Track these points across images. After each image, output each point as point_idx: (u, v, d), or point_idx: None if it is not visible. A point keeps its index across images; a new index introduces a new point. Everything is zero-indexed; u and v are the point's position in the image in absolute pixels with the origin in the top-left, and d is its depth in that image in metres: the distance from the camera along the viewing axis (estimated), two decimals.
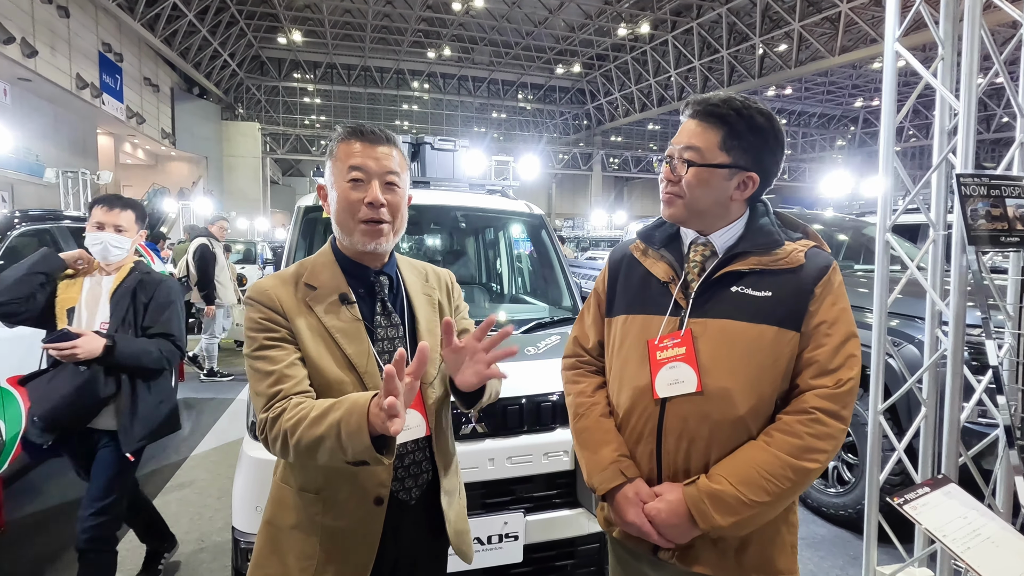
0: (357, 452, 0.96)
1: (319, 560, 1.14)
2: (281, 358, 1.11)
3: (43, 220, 3.66)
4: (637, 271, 1.29)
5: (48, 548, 2.87)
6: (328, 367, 1.14)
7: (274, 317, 1.14)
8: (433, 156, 3.51)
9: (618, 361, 1.26)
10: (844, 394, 1.10)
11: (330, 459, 1.01)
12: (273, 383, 1.08)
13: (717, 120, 1.15)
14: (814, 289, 1.13)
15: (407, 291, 1.28)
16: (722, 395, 1.12)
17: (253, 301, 1.17)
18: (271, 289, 1.17)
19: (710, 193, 1.16)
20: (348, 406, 0.99)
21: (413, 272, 1.33)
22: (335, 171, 1.19)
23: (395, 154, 1.20)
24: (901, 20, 2.10)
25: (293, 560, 1.15)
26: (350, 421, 0.96)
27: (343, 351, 1.15)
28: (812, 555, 2.90)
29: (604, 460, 1.20)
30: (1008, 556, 1.31)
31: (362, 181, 1.16)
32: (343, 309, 1.18)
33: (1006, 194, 1.65)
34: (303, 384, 1.10)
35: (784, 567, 1.16)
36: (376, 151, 1.18)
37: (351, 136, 1.19)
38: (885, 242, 2.10)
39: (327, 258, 1.24)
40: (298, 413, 1.03)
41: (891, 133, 2.07)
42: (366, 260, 1.24)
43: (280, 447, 1.05)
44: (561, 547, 2.03)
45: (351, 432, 0.96)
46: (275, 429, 1.05)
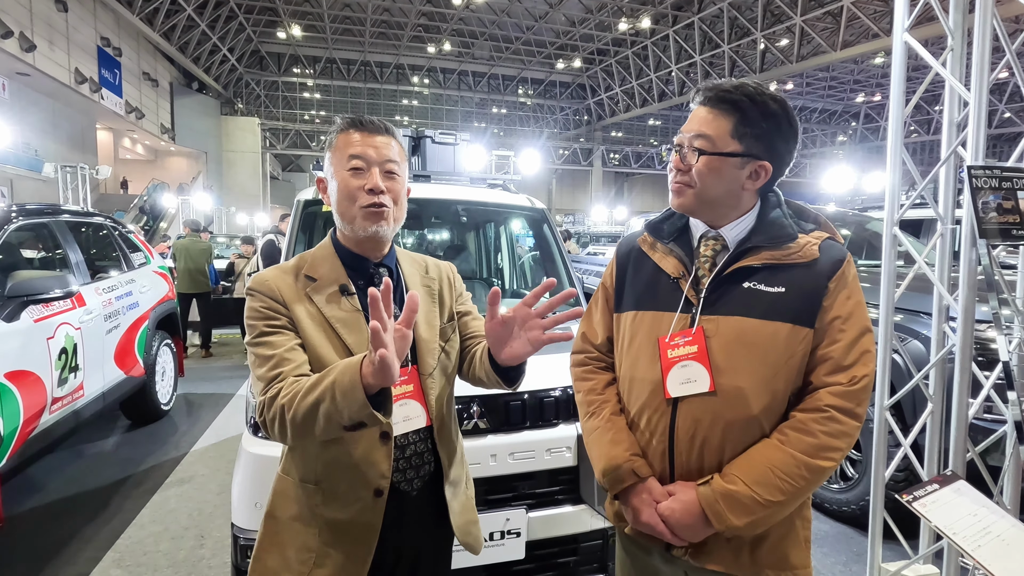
0: (353, 412, 0.94)
1: (318, 553, 1.14)
2: (281, 343, 1.11)
3: (41, 214, 3.63)
4: (646, 265, 1.25)
5: (47, 543, 2.86)
6: (328, 356, 1.14)
7: (274, 306, 1.15)
8: (434, 150, 3.48)
9: (628, 358, 1.23)
10: (859, 391, 1.07)
11: (327, 427, 0.99)
12: (273, 366, 1.08)
13: (729, 106, 1.11)
14: (828, 284, 1.10)
15: (406, 283, 1.28)
16: (735, 394, 1.09)
17: (254, 291, 1.17)
18: (271, 280, 1.18)
19: (721, 182, 1.13)
20: (341, 367, 0.98)
21: (413, 264, 1.33)
22: (335, 161, 1.19)
23: (394, 144, 1.21)
24: (910, 11, 2.07)
25: (293, 552, 1.15)
26: (343, 380, 0.95)
27: (343, 340, 1.15)
28: (815, 551, 2.88)
29: (617, 459, 1.18)
30: (1019, 554, 1.29)
31: (362, 169, 1.17)
32: (343, 300, 1.19)
33: (1018, 187, 1.62)
34: (303, 368, 1.10)
35: (798, 562, 1.14)
36: (375, 140, 1.18)
37: (350, 126, 1.20)
38: (893, 236, 2.07)
39: (327, 251, 1.24)
40: (293, 388, 1.03)
41: (899, 125, 2.04)
42: (366, 251, 1.23)
43: (278, 426, 1.04)
44: (564, 544, 2.01)
45: (345, 390, 0.94)
46: (272, 409, 1.04)
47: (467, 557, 1.87)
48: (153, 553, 2.78)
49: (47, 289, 3.00)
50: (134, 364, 4.20)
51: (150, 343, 4.50)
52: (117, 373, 3.92)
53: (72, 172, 12.17)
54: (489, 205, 3.19)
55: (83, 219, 4.29)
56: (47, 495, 3.36)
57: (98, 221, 4.53)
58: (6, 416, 2.68)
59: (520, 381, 1.21)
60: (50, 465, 3.79)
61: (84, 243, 4.07)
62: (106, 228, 4.55)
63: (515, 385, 1.21)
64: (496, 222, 3.75)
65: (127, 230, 4.93)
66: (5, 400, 2.68)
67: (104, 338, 3.75)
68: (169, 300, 5.02)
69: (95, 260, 4.19)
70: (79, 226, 4.12)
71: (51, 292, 3.01)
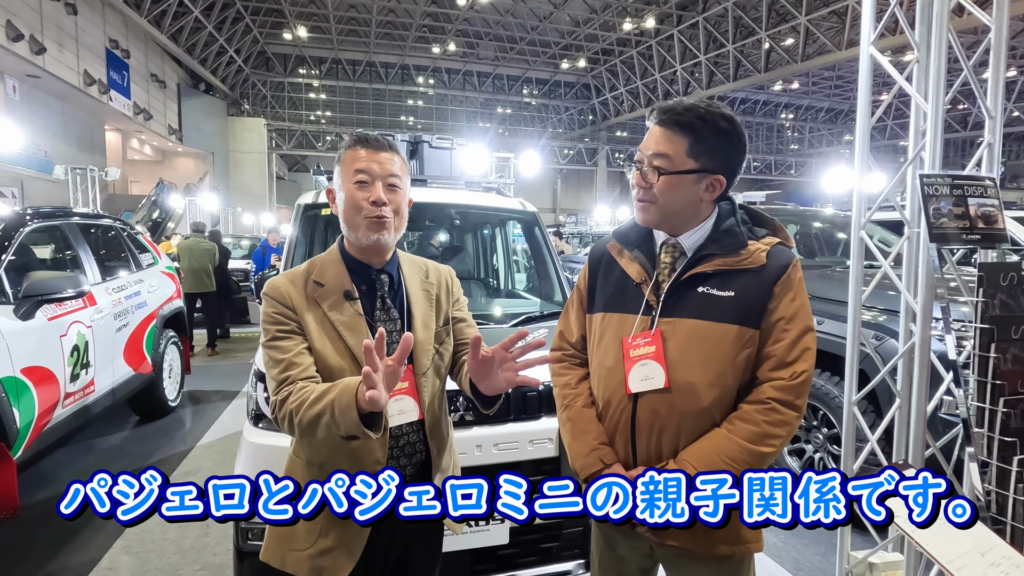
0: (348, 427, 1.11)
1: (323, 525, 1.29)
2: (290, 348, 1.26)
3: (53, 217, 3.78)
4: (614, 270, 1.38)
5: (60, 531, 3.00)
6: (331, 356, 1.28)
7: (285, 311, 1.29)
8: (431, 154, 3.60)
9: (597, 356, 1.36)
10: (799, 385, 1.20)
11: (327, 434, 1.15)
12: (283, 370, 1.23)
13: (683, 128, 1.22)
14: (773, 288, 1.21)
15: (406, 288, 1.40)
16: (688, 389, 1.22)
17: (268, 296, 1.31)
18: (283, 286, 1.32)
19: (681, 197, 1.24)
20: (341, 388, 1.13)
21: (414, 269, 1.45)
22: (343, 175, 1.33)
23: (396, 159, 1.34)
24: (876, 23, 2.17)
25: (301, 524, 1.27)
26: (341, 401, 1.11)
27: (345, 342, 1.29)
28: (796, 543, 2.99)
29: (586, 448, 1.30)
30: (958, 537, 1.38)
31: (367, 183, 1.30)
32: (346, 305, 1.32)
33: (968, 193, 1.72)
34: (309, 371, 1.24)
35: (750, 537, 1.26)
36: (379, 156, 1.32)
37: (357, 143, 1.33)
38: (860, 239, 2.17)
39: (334, 257, 1.38)
40: (301, 396, 1.18)
41: (866, 134, 2.14)
42: (370, 258, 1.36)
43: (287, 425, 1.20)
44: (546, 530, 2.13)
45: (343, 410, 1.10)
46: (283, 410, 1.20)
47: (454, 541, 2.00)
48: (160, 541, 2.92)
49: (60, 289, 3.14)
50: (142, 361, 4.34)
51: (158, 341, 4.65)
52: (126, 370, 4.07)
53: (82, 174, 12.38)
54: (482, 208, 3.30)
55: (93, 221, 4.44)
56: (59, 486, 3.51)
57: (107, 223, 4.68)
58: (22, 410, 2.82)
59: (496, 407, 1.34)
60: (62, 458, 3.93)
61: (94, 244, 4.21)
62: (115, 230, 4.69)
63: (491, 410, 1.34)
64: (489, 225, 3.86)
65: (135, 231, 5.07)
66: (21, 394, 2.82)
67: (114, 336, 3.90)
68: (176, 300, 5.17)
69: (105, 261, 4.33)
70: (89, 228, 4.27)
71: (64, 292, 3.15)
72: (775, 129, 33.60)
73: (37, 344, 3.01)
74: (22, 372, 2.84)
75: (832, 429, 3.27)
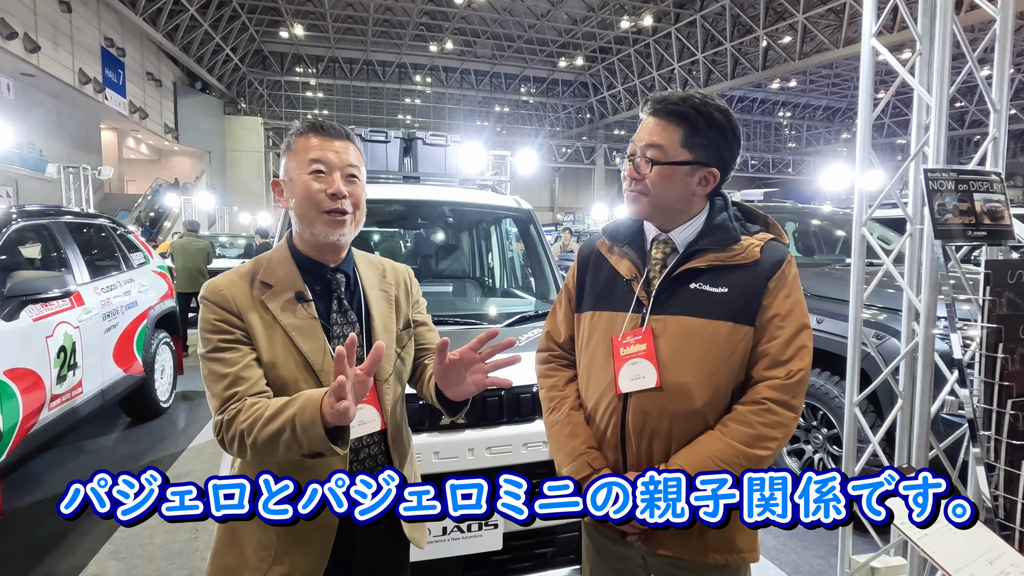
0: (312, 444, 1.01)
1: (276, 551, 1.16)
2: (236, 360, 1.11)
3: (41, 216, 3.71)
4: (604, 268, 1.32)
5: (46, 535, 2.94)
6: (284, 365, 1.15)
7: (228, 318, 1.14)
8: (425, 151, 3.55)
9: (586, 356, 1.30)
10: (795, 384, 1.14)
11: (286, 453, 1.04)
12: (228, 386, 1.09)
13: (677, 118, 1.17)
14: (767, 284, 1.16)
15: (364, 288, 1.28)
16: (680, 389, 1.16)
17: (207, 301, 1.15)
18: (225, 288, 1.16)
19: (674, 189, 1.19)
20: (302, 401, 1.02)
21: (370, 268, 1.33)
22: (295, 165, 1.19)
23: (352, 148, 1.22)
24: (878, 16, 2.12)
25: (251, 551, 1.17)
26: (304, 416, 1.00)
27: (299, 348, 1.15)
28: (795, 545, 2.94)
29: (573, 452, 1.24)
30: (964, 543, 1.33)
31: (324, 173, 1.17)
32: (299, 307, 1.18)
33: (974, 189, 1.67)
34: (259, 385, 1.12)
35: (744, 546, 1.20)
36: (334, 144, 1.19)
37: (309, 131, 1.19)
38: (861, 236, 2.12)
39: (283, 255, 1.24)
40: (253, 414, 1.05)
41: (868, 129, 2.09)
42: (324, 256, 1.23)
43: (237, 447, 1.07)
44: (540, 535, 2.07)
45: (305, 426, 1.00)
46: (231, 431, 1.07)
47: (447, 548, 1.95)
48: (149, 546, 2.86)
49: (45, 289, 3.08)
50: (133, 362, 4.28)
51: (149, 342, 4.58)
52: (116, 371, 4.00)
53: (75, 172, 12.30)
54: (476, 206, 3.25)
55: (83, 220, 4.37)
56: (47, 489, 3.45)
57: (98, 222, 4.61)
58: (5, 413, 2.76)
59: (463, 411, 1.24)
60: (51, 461, 3.87)
61: (84, 243, 4.14)
62: (106, 229, 4.63)
63: (457, 416, 1.24)
64: (483, 222, 3.81)
65: (127, 231, 5.01)
66: (4, 397, 2.76)
67: (103, 337, 3.83)
68: (168, 299, 5.10)
69: (95, 260, 4.26)
70: (79, 227, 4.20)
71: (49, 292, 3.09)
72: (773, 127, 33.53)
73: (21, 345, 2.95)
74: (5, 374, 2.78)
75: (831, 429, 3.22)
